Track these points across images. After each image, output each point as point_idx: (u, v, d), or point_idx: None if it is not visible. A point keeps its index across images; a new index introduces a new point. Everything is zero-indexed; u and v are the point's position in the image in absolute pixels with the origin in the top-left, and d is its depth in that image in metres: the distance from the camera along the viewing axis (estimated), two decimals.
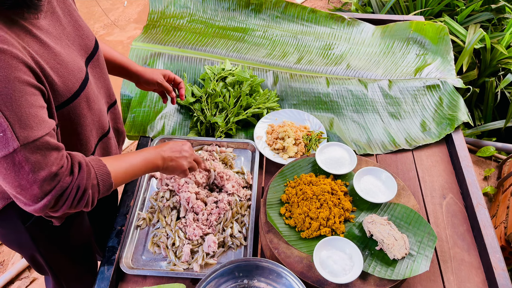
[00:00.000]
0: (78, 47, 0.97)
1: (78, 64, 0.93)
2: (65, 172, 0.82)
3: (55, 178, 0.80)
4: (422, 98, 1.72)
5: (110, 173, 0.90)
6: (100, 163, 0.90)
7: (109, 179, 0.90)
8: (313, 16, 2.06)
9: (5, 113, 0.70)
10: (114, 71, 1.32)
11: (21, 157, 0.74)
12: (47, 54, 0.83)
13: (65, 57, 0.89)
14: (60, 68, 0.86)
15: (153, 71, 1.34)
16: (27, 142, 0.74)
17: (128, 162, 0.98)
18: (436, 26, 1.93)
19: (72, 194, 0.83)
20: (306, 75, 1.80)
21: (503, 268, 1.17)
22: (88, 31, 1.02)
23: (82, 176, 0.84)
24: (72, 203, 0.84)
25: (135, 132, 1.57)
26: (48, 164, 0.78)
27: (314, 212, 1.17)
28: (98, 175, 0.88)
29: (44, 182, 0.78)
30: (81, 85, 0.92)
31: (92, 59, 1.02)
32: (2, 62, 0.70)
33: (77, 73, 0.91)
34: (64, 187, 0.81)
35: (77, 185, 0.83)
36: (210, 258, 1.20)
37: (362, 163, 1.35)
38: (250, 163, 1.47)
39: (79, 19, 1.01)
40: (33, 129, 0.75)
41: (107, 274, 1.14)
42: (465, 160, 1.45)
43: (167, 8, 1.99)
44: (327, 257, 1.09)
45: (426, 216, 1.35)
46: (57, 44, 0.88)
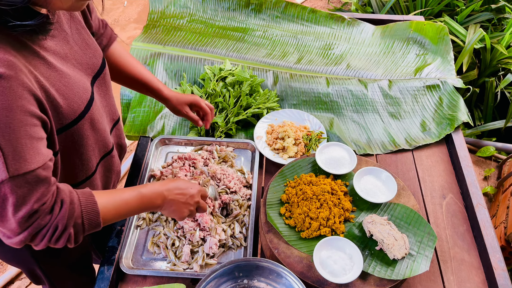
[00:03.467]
0: (85, 66, 0.96)
1: (84, 85, 0.92)
2: (46, 210, 0.79)
3: (35, 215, 0.77)
4: (422, 98, 1.72)
5: (99, 212, 0.86)
6: (90, 200, 0.86)
7: (97, 218, 0.86)
8: (313, 16, 2.06)
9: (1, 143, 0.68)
10: (135, 87, 1.29)
11: (7, 189, 0.72)
12: (54, 76, 0.82)
13: (72, 78, 0.88)
14: (66, 90, 0.85)
15: (179, 100, 1.29)
16: (17, 174, 0.71)
17: (123, 200, 0.92)
18: (436, 26, 1.93)
19: (50, 233, 0.80)
20: (306, 75, 1.80)
21: (503, 268, 1.17)
22: (95, 49, 1.01)
23: (63, 216, 0.80)
24: (49, 241, 0.81)
25: (135, 132, 1.57)
26: (32, 199, 0.75)
27: (314, 212, 1.17)
28: (84, 214, 0.84)
29: (23, 219, 0.76)
30: (86, 106, 0.91)
31: (98, 77, 1.01)
32: (8, 90, 0.69)
33: (82, 94, 0.90)
34: (41, 225, 0.79)
35: (55, 224, 0.80)
36: (210, 258, 1.20)
37: (362, 163, 1.35)
38: (250, 163, 1.47)
39: (87, 37, 0.99)
40: (27, 161, 0.72)
41: (107, 274, 1.14)
42: (465, 160, 1.45)
43: (167, 8, 1.99)
44: (327, 257, 1.09)
45: (426, 216, 1.35)
46: (64, 65, 0.87)
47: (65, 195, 0.82)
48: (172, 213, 1.03)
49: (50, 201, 0.80)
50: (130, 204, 0.93)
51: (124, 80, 1.27)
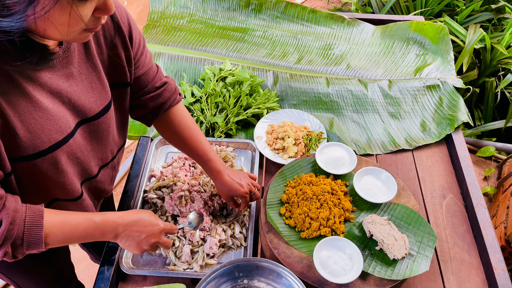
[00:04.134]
0: (77, 108, 0.91)
1: (63, 124, 0.87)
2: None
3: None
4: (422, 98, 1.72)
5: (42, 237, 0.83)
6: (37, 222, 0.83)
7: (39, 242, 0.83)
8: (313, 16, 2.06)
9: None
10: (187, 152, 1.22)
11: None
12: (25, 106, 0.79)
13: (50, 114, 0.83)
14: (34, 124, 0.81)
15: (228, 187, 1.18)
16: None
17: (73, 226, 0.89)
18: (436, 26, 1.93)
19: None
20: (306, 75, 1.80)
21: (503, 268, 1.17)
22: (99, 96, 0.95)
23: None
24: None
25: (135, 132, 1.57)
26: None
27: (314, 212, 1.17)
28: (25, 236, 0.81)
29: None
30: (51, 146, 0.86)
31: (90, 122, 0.95)
32: None
33: (53, 133, 0.85)
34: None
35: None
36: (210, 259, 1.20)
37: (362, 163, 1.35)
38: (250, 163, 1.47)
39: (97, 81, 0.93)
40: None
41: (107, 274, 1.14)
42: (465, 160, 1.45)
43: (167, 8, 1.99)
44: (327, 257, 1.09)
45: (426, 216, 1.35)
46: (48, 99, 0.83)
47: (7, 215, 0.80)
48: (126, 248, 1.00)
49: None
50: (79, 232, 0.90)
51: (178, 144, 1.21)
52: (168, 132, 1.19)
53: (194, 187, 1.32)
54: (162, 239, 1.02)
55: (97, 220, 0.92)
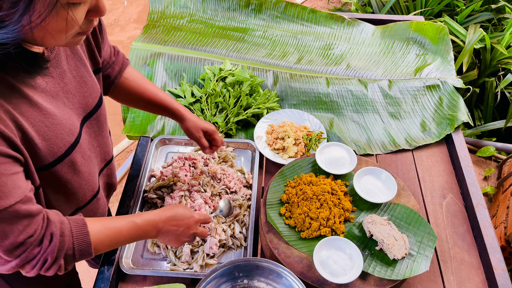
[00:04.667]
0: (77, 105, 0.92)
1: (71, 126, 0.88)
2: (34, 243, 0.78)
3: (20, 247, 0.77)
4: (422, 98, 1.72)
5: (91, 243, 0.85)
6: (82, 230, 0.84)
7: (89, 249, 0.85)
8: (313, 16, 2.06)
9: None
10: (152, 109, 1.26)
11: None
12: (36, 116, 0.79)
13: (57, 118, 0.84)
14: (48, 132, 0.82)
15: (196, 123, 1.25)
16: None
17: (117, 230, 0.91)
18: (436, 26, 1.93)
19: (39, 265, 0.80)
20: (306, 75, 1.80)
21: (503, 268, 1.17)
22: (92, 88, 0.96)
23: (52, 250, 0.79)
24: (39, 270, 0.81)
25: (135, 132, 1.57)
26: (15, 233, 0.75)
27: (314, 212, 1.17)
28: (75, 245, 0.82)
29: (7, 251, 0.75)
30: (67, 149, 0.87)
31: (90, 117, 0.97)
32: None
33: (66, 136, 0.86)
34: (29, 257, 0.78)
35: (44, 257, 0.79)
36: (210, 259, 1.20)
37: (362, 163, 1.35)
38: (250, 163, 1.47)
39: (86, 74, 0.95)
40: (1, 199, 0.71)
41: (107, 274, 1.14)
42: (465, 160, 1.45)
43: (167, 8, 1.99)
44: (327, 257, 1.09)
45: (426, 216, 1.35)
46: (52, 104, 0.83)
47: (55, 228, 0.81)
48: (167, 242, 1.03)
49: (38, 233, 0.78)
50: (124, 234, 0.92)
51: (140, 104, 1.24)
52: (127, 96, 1.21)
53: (194, 187, 1.32)
54: (198, 229, 1.05)
55: (138, 221, 0.94)
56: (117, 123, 2.99)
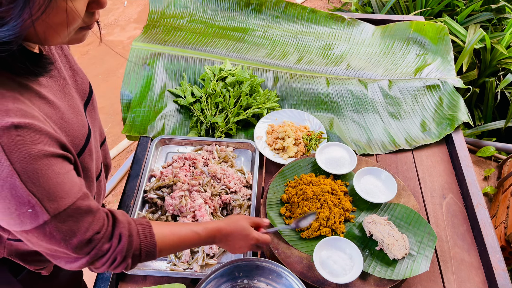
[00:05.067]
0: (76, 95, 0.91)
1: (82, 117, 0.90)
2: (102, 239, 0.79)
3: (89, 244, 0.78)
4: (422, 98, 1.72)
5: (156, 245, 0.87)
6: (148, 232, 0.87)
7: (154, 250, 0.87)
8: (313, 16, 2.06)
9: (32, 190, 0.68)
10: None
11: (52, 228, 0.72)
12: (55, 114, 0.80)
13: (70, 112, 0.85)
14: (68, 127, 0.82)
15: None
16: (57, 212, 0.71)
17: (180, 237, 0.93)
18: (436, 26, 1.93)
19: (109, 263, 0.81)
20: (306, 75, 1.80)
21: (503, 268, 1.17)
22: (82, 75, 0.97)
23: (121, 249, 0.82)
24: (108, 268, 0.83)
25: (135, 132, 1.57)
26: (81, 230, 0.76)
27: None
28: (142, 246, 0.85)
29: (77, 248, 0.76)
30: (86, 140, 0.88)
31: (88, 104, 0.98)
32: (26, 138, 0.67)
33: (81, 128, 0.87)
34: (99, 254, 0.80)
35: (114, 256, 0.81)
36: (210, 259, 1.20)
37: (362, 163, 1.35)
38: (250, 163, 1.47)
39: (74, 63, 0.95)
40: (63, 198, 0.72)
41: (107, 274, 1.14)
42: (465, 160, 1.45)
43: (167, 8, 1.99)
44: (327, 257, 1.09)
45: (426, 216, 1.34)
46: (61, 99, 0.84)
47: (124, 228, 0.83)
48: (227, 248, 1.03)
49: (105, 230, 0.80)
50: (186, 242, 0.94)
51: None
52: None
53: (194, 187, 1.32)
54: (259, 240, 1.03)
55: (201, 233, 0.96)
56: (117, 123, 2.99)
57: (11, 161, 0.64)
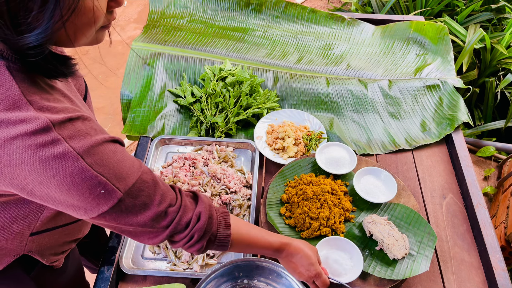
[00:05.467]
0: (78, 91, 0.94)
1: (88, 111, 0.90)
2: (179, 213, 0.82)
3: (166, 217, 0.80)
4: (422, 98, 1.72)
5: (230, 236, 0.89)
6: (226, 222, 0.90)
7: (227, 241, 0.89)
8: (313, 16, 2.06)
9: (100, 171, 0.70)
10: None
11: (127, 204, 0.74)
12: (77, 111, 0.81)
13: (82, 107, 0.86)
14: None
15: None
16: (128, 188, 0.74)
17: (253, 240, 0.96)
18: (436, 26, 1.93)
19: (187, 239, 0.84)
20: (306, 75, 1.80)
21: (503, 268, 1.17)
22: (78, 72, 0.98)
23: (200, 227, 0.84)
24: (185, 245, 0.86)
25: (135, 132, 1.57)
26: (154, 202, 0.78)
27: (314, 212, 1.17)
28: (218, 232, 0.88)
29: (154, 221, 0.79)
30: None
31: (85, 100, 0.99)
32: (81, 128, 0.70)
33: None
34: (178, 229, 0.82)
35: (192, 233, 0.84)
36: (210, 258, 1.20)
37: (362, 163, 1.35)
38: (250, 163, 1.47)
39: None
40: (128, 174, 0.74)
41: (107, 274, 1.14)
42: (465, 160, 1.45)
43: (167, 8, 1.99)
44: (327, 257, 1.09)
45: (426, 216, 1.34)
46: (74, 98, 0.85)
47: (205, 208, 0.86)
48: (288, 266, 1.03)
49: (178, 203, 0.82)
50: (256, 246, 0.96)
51: None
52: None
53: (194, 187, 1.32)
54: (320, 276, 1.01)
55: (273, 243, 0.97)
56: (117, 123, 2.99)
57: (73, 148, 0.67)
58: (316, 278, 1.01)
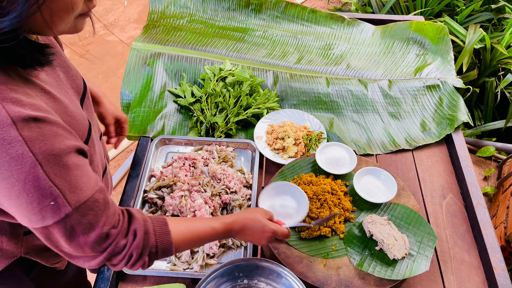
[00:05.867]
0: (73, 90, 0.92)
1: (79, 110, 0.89)
2: (119, 235, 0.79)
3: (107, 239, 0.77)
4: (422, 98, 1.72)
5: (172, 242, 0.87)
6: (164, 229, 0.87)
7: (170, 248, 0.87)
8: (313, 16, 2.06)
9: (55, 182, 0.67)
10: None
11: (73, 221, 0.71)
12: (60, 108, 0.79)
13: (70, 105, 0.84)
14: (72, 121, 0.82)
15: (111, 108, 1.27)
16: (78, 204, 0.71)
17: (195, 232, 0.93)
18: (436, 26, 1.93)
19: (126, 259, 0.81)
20: (306, 75, 1.80)
21: (503, 268, 1.17)
22: (75, 70, 0.96)
23: (137, 245, 0.81)
24: (126, 265, 0.83)
25: (135, 132, 1.57)
26: (100, 224, 0.75)
27: (314, 212, 1.17)
28: (158, 244, 0.85)
29: (95, 243, 0.76)
30: (88, 132, 0.88)
31: (84, 99, 0.97)
32: (45, 131, 0.67)
33: (82, 120, 0.87)
34: (116, 250, 0.79)
35: (130, 253, 0.81)
36: (210, 259, 1.20)
37: (362, 163, 1.36)
38: (250, 163, 1.47)
39: (66, 59, 0.94)
40: (83, 190, 0.72)
41: (107, 274, 1.14)
42: (465, 160, 1.45)
43: (167, 8, 1.99)
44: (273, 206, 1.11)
45: (426, 216, 1.34)
46: (61, 95, 0.83)
47: (139, 225, 0.83)
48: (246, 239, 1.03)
49: (120, 225, 0.79)
50: (202, 238, 0.94)
51: None
52: None
53: (194, 187, 1.32)
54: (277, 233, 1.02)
55: (217, 227, 0.96)
56: None
57: (33, 152, 0.64)
58: (275, 234, 1.01)
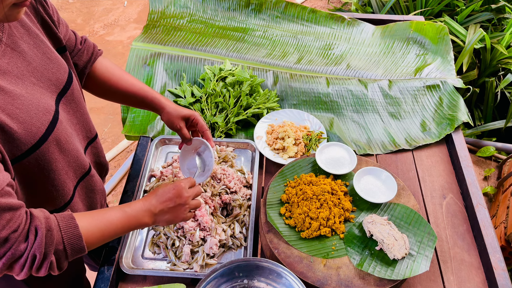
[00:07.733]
0: (48, 82, 0.89)
1: (45, 105, 0.85)
2: (19, 238, 0.74)
3: (5, 244, 0.73)
4: (422, 98, 1.72)
5: (81, 236, 0.81)
6: (71, 223, 0.81)
7: (80, 242, 0.81)
8: (313, 16, 2.06)
9: None
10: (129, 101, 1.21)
11: None
12: (4, 100, 0.77)
13: (27, 99, 0.81)
14: (20, 114, 0.79)
15: (176, 111, 1.19)
16: None
17: (107, 221, 0.87)
18: (436, 26, 1.93)
19: (29, 263, 0.76)
20: (306, 75, 1.80)
21: (503, 268, 1.17)
22: (59, 64, 0.94)
23: (39, 244, 0.75)
24: (30, 270, 0.77)
25: (135, 132, 1.57)
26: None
27: (314, 212, 1.17)
28: (65, 239, 0.79)
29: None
30: (48, 127, 0.84)
31: (65, 94, 0.94)
32: None
33: (42, 115, 0.83)
34: (16, 255, 0.74)
35: (32, 254, 0.75)
36: (210, 259, 1.20)
37: (362, 163, 1.36)
38: (250, 163, 1.47)
39: (49, 51, 0.92)
40: None
41: (107, 274, 1.14)
42: (465, 160, 1.45)
43: (167, 8, 1.99)
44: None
45: (426, 216, 1.35)
46: (18, 85, 0.81)
47: (39, 222, 0.77)
48: (168, 223, 1.00)
49: (22, 228, 0.75)
50: (115, 224, 0.89)
51: (117, 96, 1.19)
52: (101, 87, 1.17)
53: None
54: (191, 203, 1.01)
55: (128, 210, 0.91)
56: (117, 123, 2.99)
57: None
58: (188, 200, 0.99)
